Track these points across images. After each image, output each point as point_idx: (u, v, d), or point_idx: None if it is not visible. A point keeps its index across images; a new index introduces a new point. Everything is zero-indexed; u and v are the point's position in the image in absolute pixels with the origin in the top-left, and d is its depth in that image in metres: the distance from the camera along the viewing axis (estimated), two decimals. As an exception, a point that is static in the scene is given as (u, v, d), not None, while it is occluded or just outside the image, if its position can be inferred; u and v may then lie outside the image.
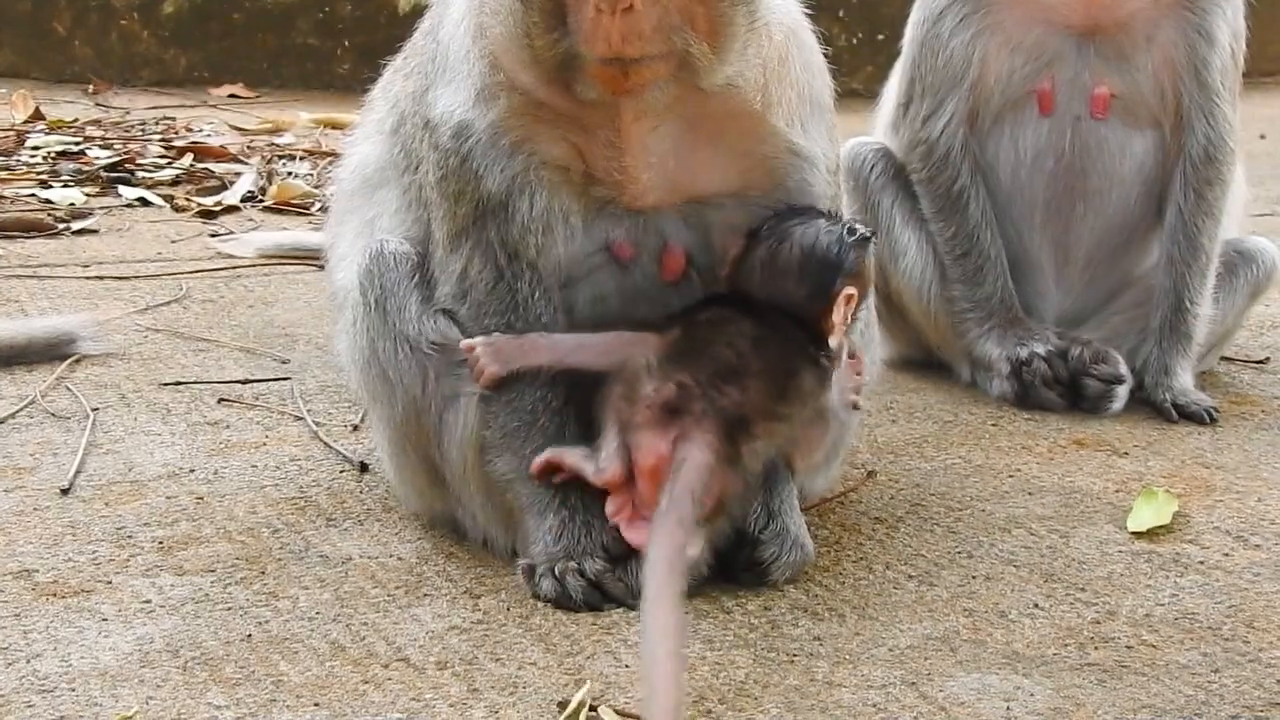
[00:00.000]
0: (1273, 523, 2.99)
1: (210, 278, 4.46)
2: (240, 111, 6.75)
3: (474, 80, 2.67)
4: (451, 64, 2.70)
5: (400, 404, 2.77)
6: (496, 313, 2.69)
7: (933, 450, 3.34)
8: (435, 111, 2.71)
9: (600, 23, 2.47)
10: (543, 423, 2.68)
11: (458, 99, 2.68)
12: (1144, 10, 3.58)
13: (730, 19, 2.58)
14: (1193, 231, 3.61)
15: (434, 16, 2.81)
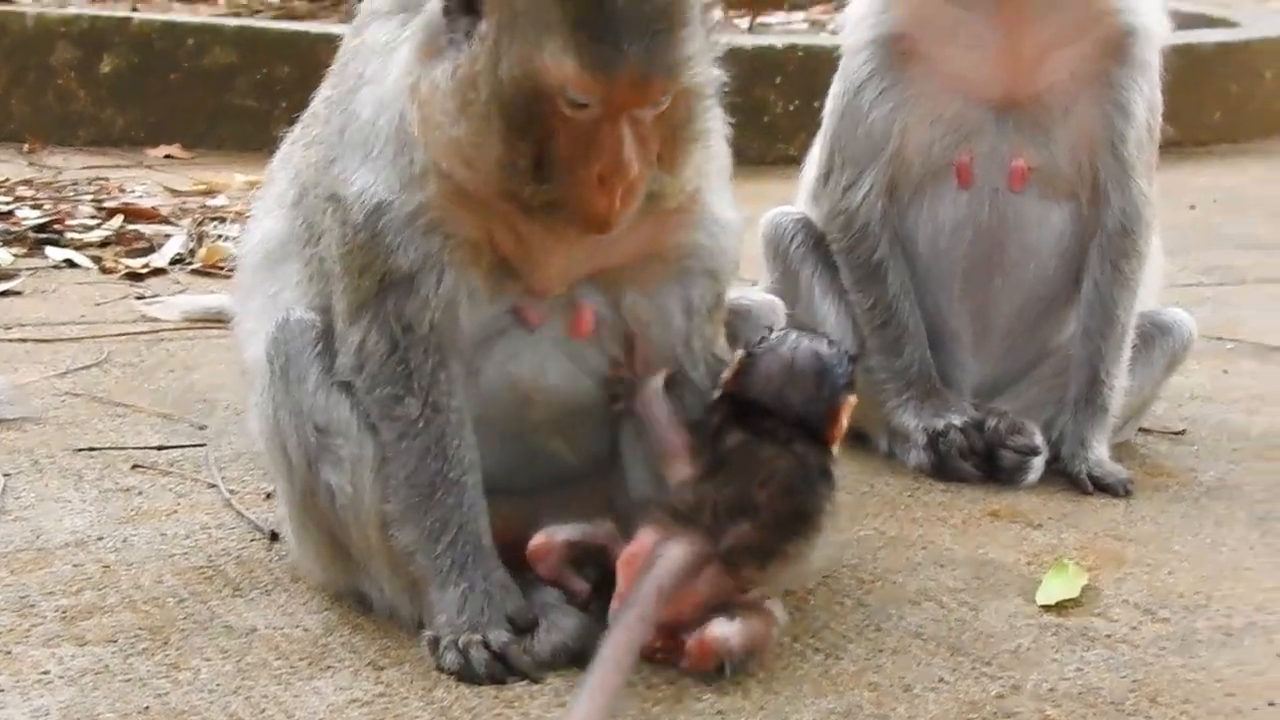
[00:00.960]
0: (1181, 596, 3.00)
1: (133, 341, 4.43)
2: (175, 172, 6.74)
3: (402, 166, 2.64)
4: (373, 143, 2.66)
5: (299, 478, 2.76)
6: (390, 383, 2.67)
7: (847, 522, 3.33)
8: (350, 189, 2.67)
9: (602, 190, 2.51)
10: (440, 495, 2.66)
11: (379, 179, 2.65)
12: (1061, 85, 3.61)
13: (691, 150, 2.63)
14: (1109, 304, 3.63)
15: (339, 85, 2.78)
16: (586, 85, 2.46)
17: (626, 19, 2.44)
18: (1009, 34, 3.59)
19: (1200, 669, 2.71)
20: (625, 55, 2.44)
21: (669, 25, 2.48)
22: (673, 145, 2.59)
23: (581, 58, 2.44)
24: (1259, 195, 7.21)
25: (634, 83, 2.46)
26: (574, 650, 2.64)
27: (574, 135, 2.50)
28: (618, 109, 2.48)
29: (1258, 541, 3.27)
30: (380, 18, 2.74)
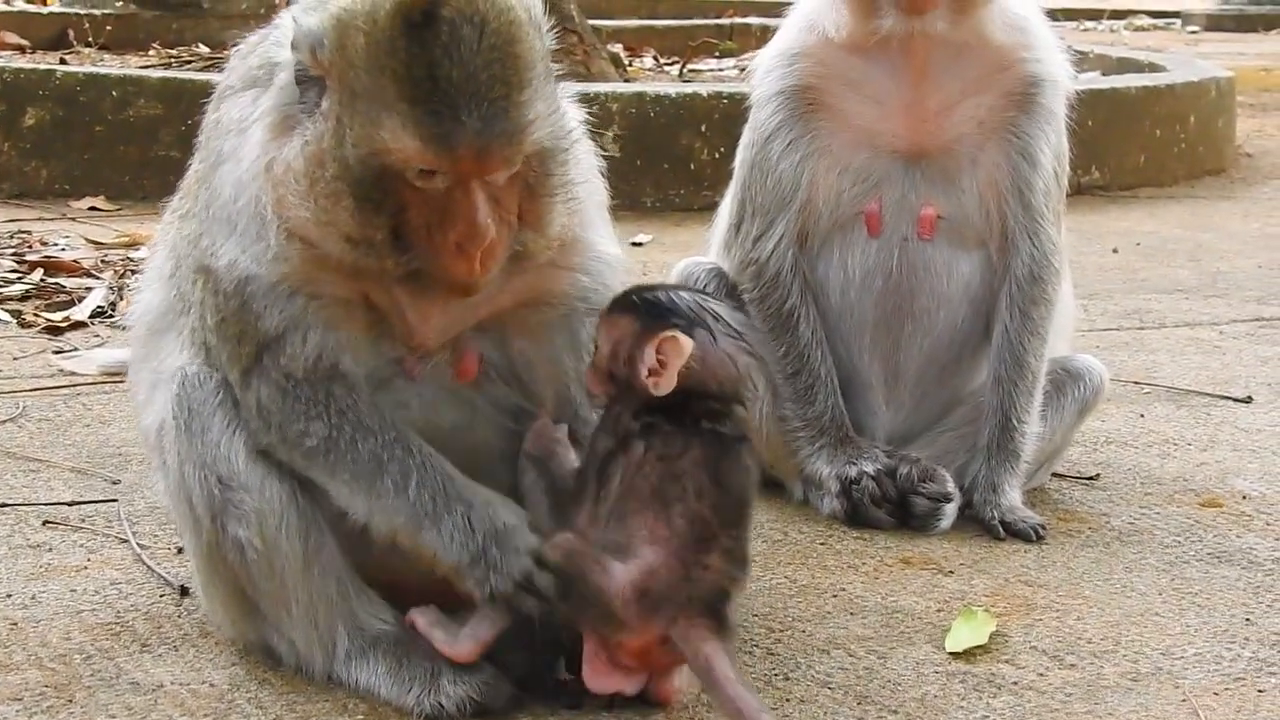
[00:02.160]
0: (1089, 642, 3.02)
1: (50, 395, 4.42)
2: (99, 225, 6.72)
3: (264, 242, 2.64)
4: (235, 220, 2.67)
5: (205, 533, 2.75)
6: (293, 422, 2.68)
7: (759, 570, 3.34)
8: (219, 262, 2.68)
9: (460, 259, 2.52)
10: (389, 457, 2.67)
11: (245, 254, 2.66)
12: (968, 134, 3.64)
13: (552, 206, 2.65)
14: (1019, 350, 3.66)
15: (204, 161, 2.78)
16: (429, 160, 2.48)
17: (462, 92, 2.46)
18: (915, 85, 3.62)
19: (1106, 715, 2.73)
20: (464, 127, 2.46)
21: (505, 92, 2.49)
22: (533, 203, 2.62)
23: (421, 133, 2.46)
24: (1181, 239, 7.27)
25: (476, 153, 2.48)
26: (481, 704, 2.65)
27: (427, 205, 2.52)
28: (466, 177, 2.49)
29: (1167, 586, 3.29)
30: (234, 93, 2.75)
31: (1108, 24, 19.36)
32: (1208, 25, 21.45)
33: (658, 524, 2.58)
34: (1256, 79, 13.40)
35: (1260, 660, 2.95)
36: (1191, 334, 5.47)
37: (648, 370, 2.62)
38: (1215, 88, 9.31)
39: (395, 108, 2.48)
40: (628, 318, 2.67)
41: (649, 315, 2.65)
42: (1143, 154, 8.66)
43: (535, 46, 2.57)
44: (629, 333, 2.65)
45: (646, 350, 2.62)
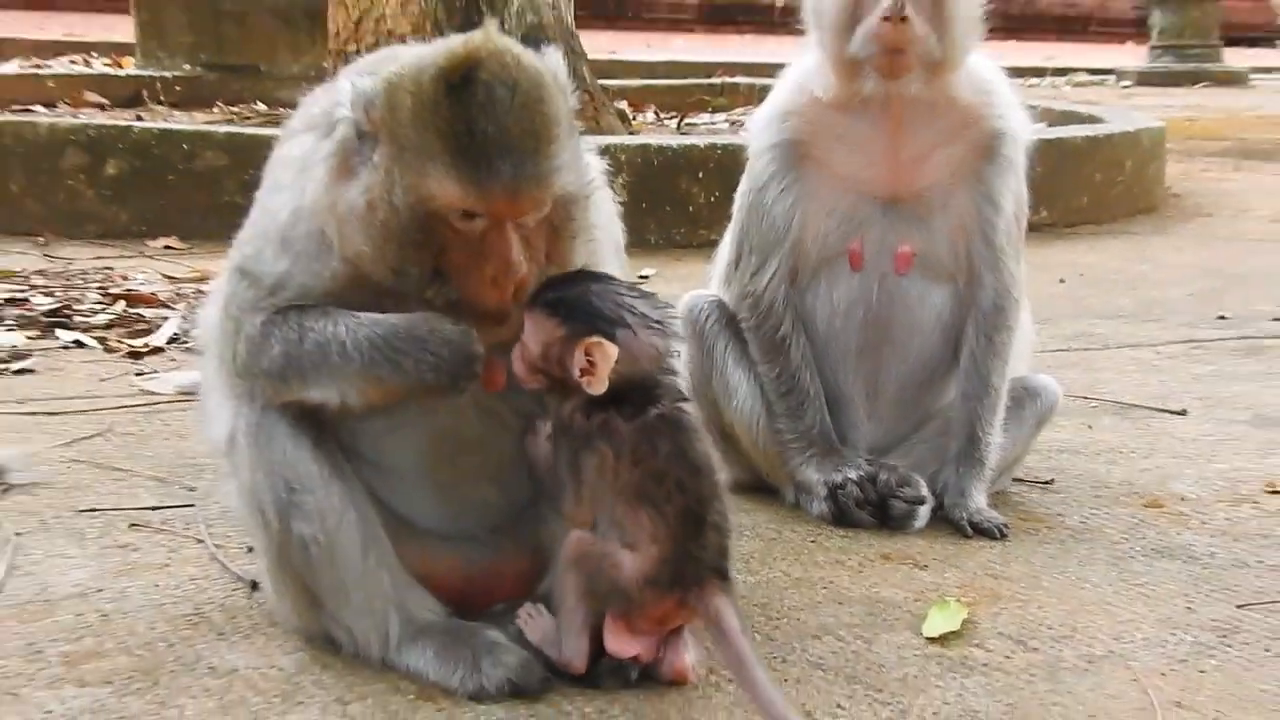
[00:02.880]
0: (1049, 628, 3.01)
1: (132, 413, 4.41)
2: (173, 261, 6.72)
3: (320, 261, 2.67)
4: (293, 240, 2.69)
5: (275, 533, 2.75)
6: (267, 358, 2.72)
7: (758, 565, 3.34)
8: (264, 268, 2.70)
9: (492, 289, 2.56)
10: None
11: (298, 267, 2.68)
12: (939, 182, 3.65)
13: (574, 246, 2.68)
14: (984, 372, 3.66)
15: (263, 189, 2.81)
16: (469, 203, 2.51)
17: (496, 144, 2.50)
18: (892, 139, 3.63)
19: (1066, 693, 2.72)
20: (499, 174, 2.50)
21: (535, 145, 2.53)
22: (558, 243, 2.64)
23: (462, 180, 2.50)
24: (1120, 270, 7.28)
25: (509, 196, 2.51)
26: (517, 684, 2.64)
27: (466, 244, 2.55)
28: (500, 219, 2.52)
29: (1116, 579, 3.29)
30: (296, 135, 2.79)
31: (1051, 80, 19.37)
32: (1139, 81, 21.48)
33: (655, 524, 2.56)
34: (1182, 128, 13.42)
35: (1201, 644, 2.94)
36: (1132, 354, 5.47)
37: (579, 371, 2.60)
38: (1148, 137, 9.33)
39: (439, 159, 2.50)
40: (553, 321, 2.62)
41: (573, 320, 2.61)
42: (1085, 195, 8.68)
43: (560, 105, 2.60)
44: (556, 337, 2.62)
45: (576, 354, 2.60)
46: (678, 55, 19.26)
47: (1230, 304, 6.44)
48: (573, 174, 2.62)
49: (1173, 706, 2.67)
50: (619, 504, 2.58)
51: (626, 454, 2.59)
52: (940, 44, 3.54)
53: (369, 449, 2.80)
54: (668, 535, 2.56)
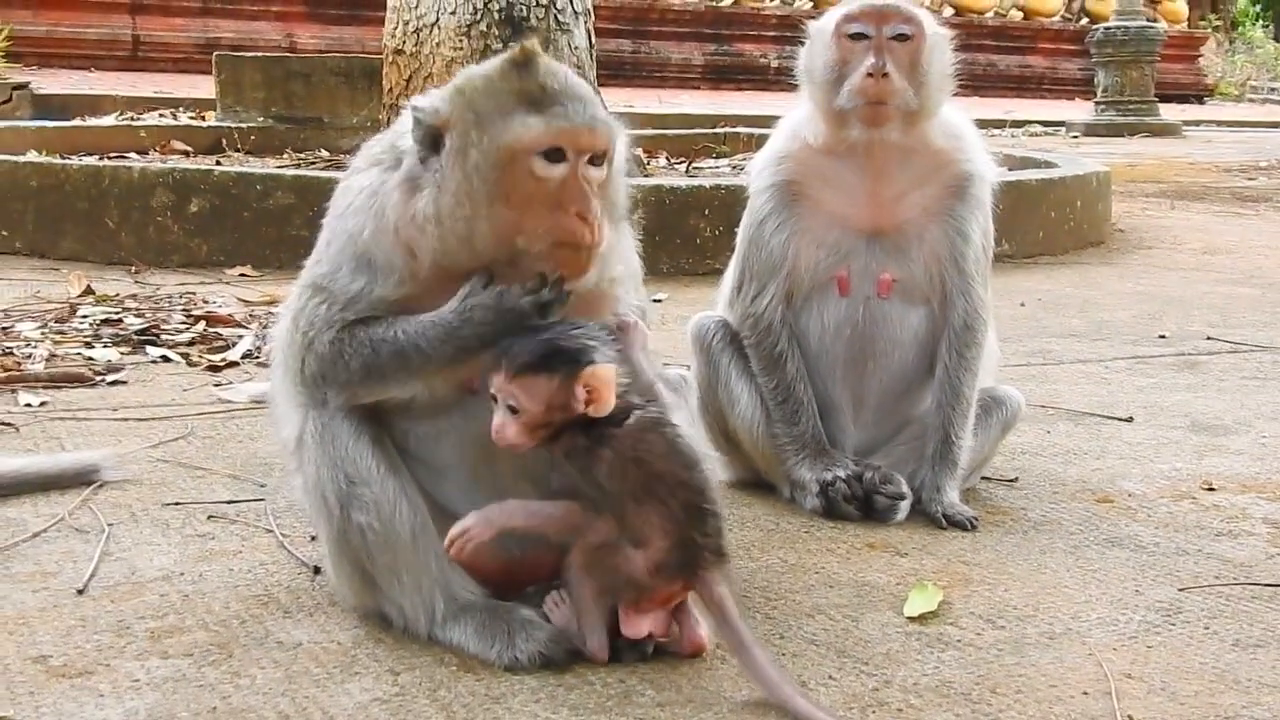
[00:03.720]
0: (1015, 609, 2.97)
1: (211, 419, 4.38)
2: (247, 287, 6.70)
3: (395, 274, 2.64)
4: (373, 258, 2.65)
5: (336, 521, 2.72)
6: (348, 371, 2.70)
7: (758, 552, 3.30)
8: (339, 285, 2.67)
9: (577, 224, 2.54)
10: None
11: (375, 282, 2.65)
12: (915, 218, 3.62)
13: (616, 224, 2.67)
14: (956, 383, 3.62)
15: (331, 214, 2.78)
16: (554, 135, 2.52)
17: (565, 94, 2.55)
18: (875, 181, 3.60)
19: (1030, 666, 2.68)
20: (576, 111, 2.54)
21: (594, 98, 2.58)
22: (609, 213, 2.62)
23: (545, 118, 2.52)
24: (1072, 296, 7.23)
25: (588, 127, 2.54)
26: (548, 657, 2.61)
27: (546, 196, 2.53)
28: (578, 155, 2.53)
29: (1073, 565, 3.25)
30: (360, 171, 2.76)
31: (1010, 130, 19.29)
32: (1085, 132, 21.42)
33: (663, 518, 2.52)
34: (1124, 172, 13.38)
35: (1149, 623, 2.90)
36: (1083, 369, 5.42)
37: (584, 404, 2.53)
38: (1096, 179, 9.28)
39: (519, 110, 2.53)
40: (543, 376, 2.52)
41: (562, 365, 2.52)
42: (1041, 230, 8.63)
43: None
44: (554, 387, 2.52)
45: (577, 391, 2.53)
46: (686, 108, 19.22)
47: (1168, 325, 6.39)
48: (620, 147, 2.64)
49: (1124, 678, 2.63)
50: (628, 504, 2.54)
51: (630, 459, 2.54)
52: (917, 97, 3.52)
53: (419, 449, 2.77)
54: (675, 527, 2.52)
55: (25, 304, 6.12)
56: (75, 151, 9.79)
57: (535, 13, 8.23)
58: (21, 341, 5.33)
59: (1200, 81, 32.11)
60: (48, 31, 21.28)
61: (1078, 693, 2.57)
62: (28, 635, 2.73)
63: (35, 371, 4.85)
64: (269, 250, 7.34)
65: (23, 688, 2.50)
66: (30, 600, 2.91)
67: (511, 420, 2.56)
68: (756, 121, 14.22)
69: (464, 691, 2.52)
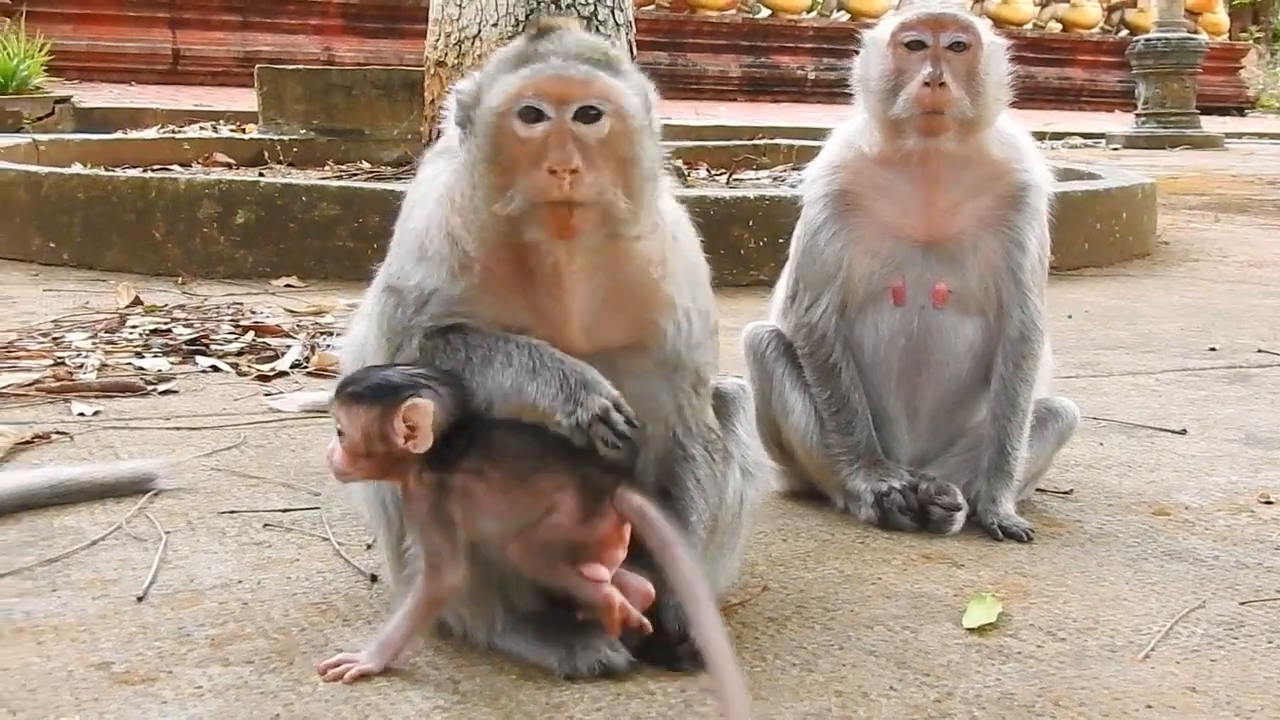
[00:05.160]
0: (1074, 621, 2.96)
1: (262, 428, 4.40)
2: (293, 298, 6.73)
3: (449, 263, 2.63)
4: (426, 248, 2.65)
5: (396, 529, 2.73)
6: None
7: (814, 563, 3.30)
8: (407, 282, 2.65)
9: (552, 179, 2.47)
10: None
11: (430, 275, 2.64)
12: (971, 228, 3.61)
13: (641, 189, 2.56)
14: (1012, 394, 3.60)
15: (401, 213, 2.78)
16: (525, 89, 2.49)
17: (552, 50, 2.51)
18: (929, 190, 3.59)
19: (1092, 679, 2.66)
20: (550, 64, 2.50)
21: (587, 54, 2.52)
22: (623, 174, 2.53)
23: (521, 75, 2.50)
24: (1119, 308, 7.20)
25: (557, 75, 2.48)
26: (607, 665, 2.61)
27: (530, 153, 2.50)
28: (560, 110, 2.48)
29: (1131, 578, 3.22)
30: (428, 163, 2.80)
31: (1048, 142, 19.25)
32: (1126, 144, 21.34)
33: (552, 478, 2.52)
34: (1167, 185, 13.30)
35: (1211, 637, 2.88)
36: (1133, 381, 5.39)
37: (404, 438, 2.54)
38: (1141, 191, 9.24)
39: (506, 72, 2.53)
40: (362, 406, 2.54)
41: (381, 396, 2.54)
42: (1086, 242, 8.60)
43: (622, 63, 2.58)
44: (372, 416, 2.54)
45: (395, 424, 2.53)
46: (723, 120, 19.24)
47: (1217, 338, 6.35)
48: (628, 105, 2.53)
49: (1187, 691, 2.61)
50: (514, 493, 2.53)
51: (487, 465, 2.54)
52: (973, 106, 3.51)
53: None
54: (566, 477, 2.53)
55: (75, 314, 6.17)
56: (119, 164, 9.88)
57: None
58: (73, 351, 5.37)
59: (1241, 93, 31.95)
60: (88, 46, 21.47)
61: (1141, 706, 2.55)
62: (89, 642, 2.75)
63: (88, 381, 4.88)
64: (314, 261, 7.37)
65: (87, 694, 2.51)
66: (91, 607, 2.93)
67: (337, 444, 2.61)
68: (795, 133, 14.23)
69: (525, 700, 2.52)
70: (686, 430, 2.77)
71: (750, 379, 3.73)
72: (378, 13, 23.64)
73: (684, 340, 2.73)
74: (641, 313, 2.69)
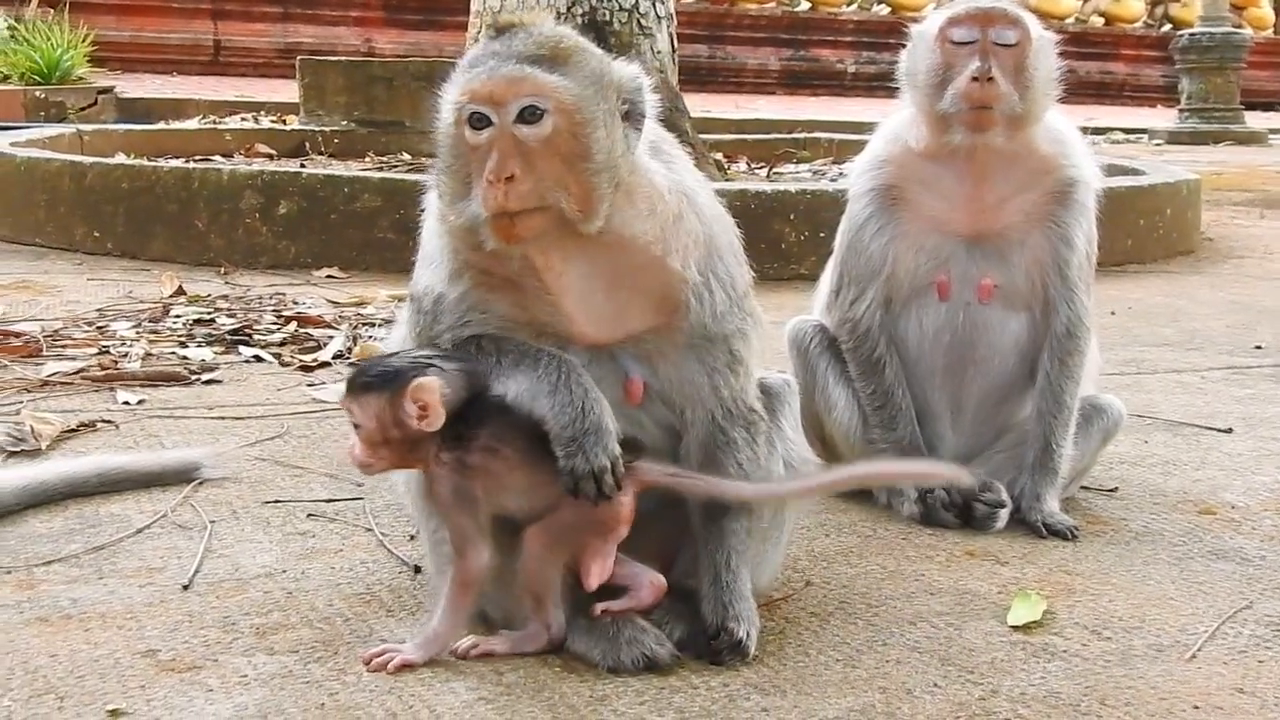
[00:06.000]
0: (1120, 619, 2.94)
1: (305, 418, 4.42)
2: (335, 288, 6.75)
3: (447, 266, 2.65)
4: (431, 253, 2.69)
5: (437, 522, 2.73)
6: None
7: (856, 558, 3.29)
8: (419, 287, 2.71)
9: (490, 189, 2.47)
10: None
11: (435, 278, 2.67)
12: (1018, 223, 3.59)
13: (595, 184, 2.52)
14: (1058, 390, 3.59)
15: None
16: (462, 94, 2.49)
17: (496, 51, 2.51)
18: (976, 185, 3.58)
19: (1139, 678, 2.65)
20: (486, 66, 2.49)
21: (527, 52, 2.50)
22: (573, 170, 2.51)
23: (459, 82, 2.51)
24: (1163, 305, 7.15)
25: (490, 81, 2.47)
26: (651, 659, 2.61)
27: (479, 160, 2.50)
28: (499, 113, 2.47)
29: (1177, 577, 3.20)
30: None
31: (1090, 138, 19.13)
32: (1168, 139, 21.15)
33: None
34: (1210, 181, 13.15)
35: (1259, 638, 2.85)
36: (1178, 379, 5.35)
37: (416, 419, 2.56)
38: (1185, 187, 9.17)
39: (456, 79, 2.54)
40: (372, 394, 2.58)
41: (389, 381, 2.57)
42: (1129, 239, 8.53)
43: (573, 55, 2.54)
44: (382, 403, 2.57)
45: (405, 405, 2.56)
46: (762, 114, 19.20)
47: (1263, 335, 6.30)
48: (574, 102, 2.50)
49: (1235, 692, 2.59)
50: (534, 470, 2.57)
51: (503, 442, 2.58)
52: (1022, 102, 3.49)
53: None
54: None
55: (119, 304, 6.20)
56: (161, 154, 9.92)
57: (618, 17, 8.26)
58: (117, 341, 5.40)
59: (1286, 88, 31.64)
60: (131, 37, 21.58)
61: (1188, 707, 2.53)
62: (136, 630, 2.77)
63: (132, 370, 4.91)
64: (355, 252, 7.40)
65: (134, 681, 2.53)
66: (137, 595, 2.95)
67: (355, 439, 2.63)
68: (835, 127, 14.19)
69: (569, 692, 2.52)
70: (727, 414, 2.76)
71: (793, 373, 3.72)
72: (418, 4, 23.67)
73: (708, 311, 2.70)
74: (655, 293, 2.67)
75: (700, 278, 2.68)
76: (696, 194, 2.76)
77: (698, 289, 2.68)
